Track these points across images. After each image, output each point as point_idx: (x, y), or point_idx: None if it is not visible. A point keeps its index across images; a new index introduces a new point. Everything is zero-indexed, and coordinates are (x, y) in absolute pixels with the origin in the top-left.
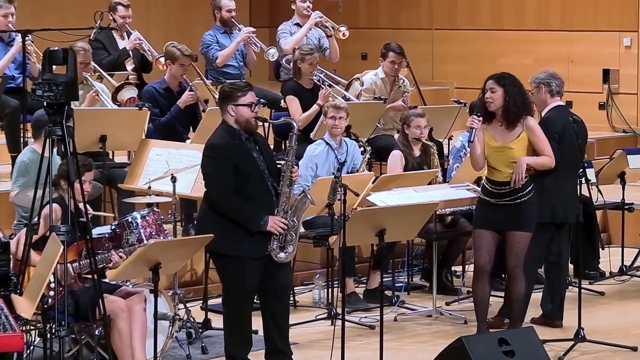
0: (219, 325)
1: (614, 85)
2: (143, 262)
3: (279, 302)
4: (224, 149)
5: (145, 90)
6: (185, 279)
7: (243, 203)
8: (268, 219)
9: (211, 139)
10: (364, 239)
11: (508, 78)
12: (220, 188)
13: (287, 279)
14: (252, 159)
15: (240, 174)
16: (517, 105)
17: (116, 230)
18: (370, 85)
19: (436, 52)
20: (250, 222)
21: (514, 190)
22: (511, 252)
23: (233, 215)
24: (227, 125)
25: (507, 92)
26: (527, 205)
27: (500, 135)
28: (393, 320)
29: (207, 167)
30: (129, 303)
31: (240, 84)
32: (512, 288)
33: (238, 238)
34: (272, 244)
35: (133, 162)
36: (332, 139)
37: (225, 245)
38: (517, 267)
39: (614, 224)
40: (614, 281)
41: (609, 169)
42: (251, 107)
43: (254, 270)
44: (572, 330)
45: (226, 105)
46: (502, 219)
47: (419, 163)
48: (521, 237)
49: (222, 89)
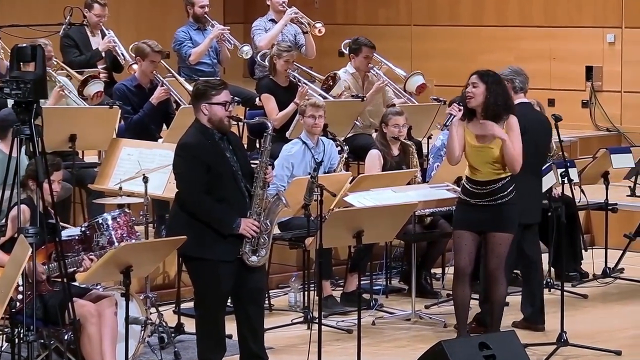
0: (192, 330)
1: (597, 83)
2: (114, 264)
3: (253, 305)
4: (196, 148)
5: (115, 88)
6: (157, 282)
7: (215, 204)
8: (240, 222)
9: (183, 138)
10: (341, 241)
11: (492, 75)
12: (191, 188)
13: (260, 282)
14: (225, 159)
15: (212, 174)
16: (498, 104)
17: (86, 232)
18: (344, 84)
19: (415, 49)
20: (222, 224)
21: (495, 190)
22: (492, 254)
23: (204, 217)
24: (199, 124)
25: (489, 89)
26: (508, 206)
27: (481, 134)
28: (371, 324)
29: (178, 167)
30: (99, 307)
31: (214, 81)
32: (494, 291)
33: (210, 240)
34: (244, 247)
35: (103, 162)
36: (309, 138)
37: (196, 248)
38: (499, 269)
39: (597, 224)
40: (597, 283)
41: (592, 169)
42: (225, 106)
43: (227, 274)
44: (555, 334)
45: (199, 103)
46: (482, 219)
47: (398, 162)
48: (502, 238)
49: (196, 87)
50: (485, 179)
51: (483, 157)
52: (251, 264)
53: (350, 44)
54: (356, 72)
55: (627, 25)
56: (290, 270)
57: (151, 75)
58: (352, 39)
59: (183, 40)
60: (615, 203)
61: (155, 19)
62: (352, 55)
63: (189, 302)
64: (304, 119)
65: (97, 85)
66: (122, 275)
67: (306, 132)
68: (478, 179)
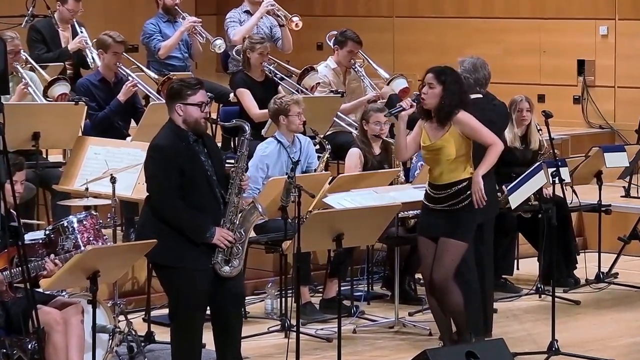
0: (163, 339)
1: (590, 78)
2: (80, 270)
3: (232, 311)
4: (169, 150)
5: (79, 84)
6: (126, 289)
7: (188, 211)
8: (215, 231)
9: (156, 139)
10: (320, 244)
11: (450, 74)
12: (164, 193)
13: (240, 286)
14: (200, 163)
15: (186, 178)
16: (452, 104)
17: (50, 236)
18: (323, 79)
19: (397, 42)
20: (195, 232)
21: (450, 194)
22: (437, 262)
23: (176, 224)
24: (174, 124)
25: (445, 90)
26: (462, 213)
27: (433, 134)
28: (352, 333)
29: (151, 170)
30: (64, 315)
31: (190, 81)
32: (445, 302)
33: (182, 248)
34: (217, 256)
35: (69, 162)
36: (285, 136)
37: (168, 255)
38: (446, 279)
39: (590, 227)
40: (590, 289)
41: (585, 168)
42: (201, 107)
43: (202, 281)
44: (545, 343)
45: (174, 103)
46: (436, 224)
47: (379, 162)
48: (449, 245)
49: (171, 86)
50: (441, 182)
51: (434, 158)
52: (223, 274)
53: (337, 36)
54: (337, 67)
55: (620, 17)
56: (266, 276)
57: (115, 68)
58: (340, 30)
59: (152, 33)
60: (609, 204)
61: (123, 10)
62: (337, 48)
63: (159, 309)
64: (289, 118)
65: (63, 87)
66: (88, 281)
67: (282, 131)
68: (435, 182)
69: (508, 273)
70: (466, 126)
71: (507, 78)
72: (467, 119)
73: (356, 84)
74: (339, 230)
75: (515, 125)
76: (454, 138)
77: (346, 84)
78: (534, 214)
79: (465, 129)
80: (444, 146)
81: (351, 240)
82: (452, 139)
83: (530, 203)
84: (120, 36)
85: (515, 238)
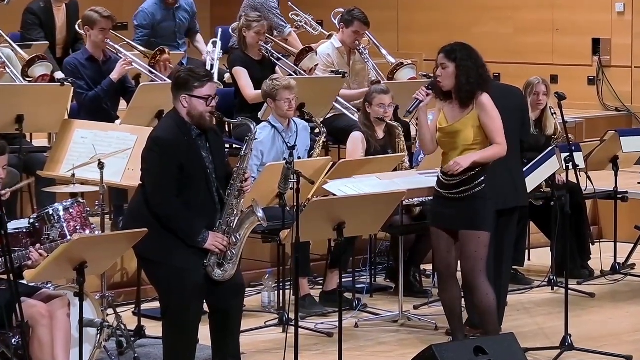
0: (153, 334)
1: (605, 57)
2: (66, 260)
3: (232, 302)
4: (171, 144)
5: (66, 63)
6: (115, 280)
7: (183, 211)
8: (207, 236)
9: (158, 130)
10: (320, 234)
11: (460, 50)
12: (160, 189)
13: (239, 276)
14: (201, 160)
15: (184, 174)
16: (471, 82)
17: (35, 225)
18: (326, 58)
19: (402, 20)
20: (187, 235)
21: (463, 181)
22: (463, 256)
23: (169, 223)
24: (178, 116)
25: (459, 67)
26: (477, 200)
27: (452, 116)
28: (354, 327)
29: (149, 163)
30: (50, 308)
31: (199, 72)
32: (473, 299)
33: (172, 244)
34: (209, 259)
35: (54, 146)
36: (280, 120)
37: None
38: (472, 273)
39: (606, 215)
40: (605, 281)
41: (600, 153)
42: (207, 100)
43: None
44: (558, 338)
45: (179, 93)
46: (452, 215)
47: (383, 146)
48: (470, 236)
49: (178, 74)
50: None
51: (450, 141)
52: (215, 278)
53: (344, 14)
54: (342, 46)
55: None
56: (263, 267)
57: (103, 45)
58: (347, 9)
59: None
60: (626, 191)
61: None
62: (342, 26)
63: (150, 302)
64: (276, 103)
65: (43, 67)
66: (75, 273)
67: (276, 116)
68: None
69: (519, 264)
70: (485, 111)
71: (518, 58)
72: (489, 104)
73: (361, 65)
74: (340, 219)
75: (530, 109)
76: (473, 122)
77: (350, 65)
78: (546, 201)
79: (483, 114)
80: (462, 130)
81: (353, 229)
82: (470, 123)
83: (543, 190)
84: (107, 11)
85: (527, 227)
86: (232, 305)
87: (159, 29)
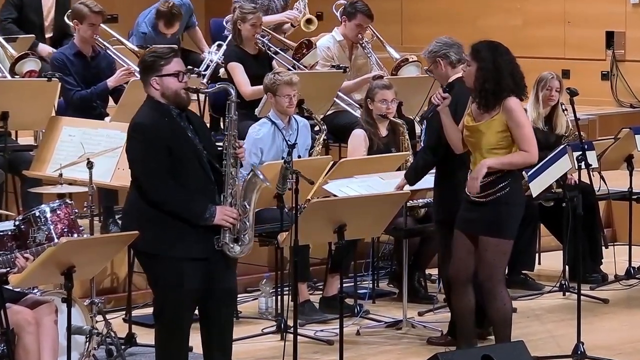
0: (145, 341)
1: (620, 51)
2: (53, 264)
3: (223, 309)
4: (152, 128)
5: (53, 58)
6: (104, 286)
7: (181, 192)
8: (215, 210)
9: (136, 117)
10: (320, 236)
11: (485, 51)
12: (153, 175)
13: (232, 282)
14: (187, 140)
15: (174, 157)
16: (486, 87)
17: (21, 227)
18: (326, 52)
19: (406, 12)
20: (194, 214)
21: (486, 184)
22: (479, 262)
23: (171, 208)
24: (152, 100)
25: (479, 70)
26: (500, 205)
27: (478, 115)
28: (355, 334)
29: (134, 152)
30: (36, 314)
31: (162, 50)
32: (487, 307)
33: (173, 235)
34: (223, 237)
35: (41, 145)
36: (280, 117)
37: (156, 243)
38: (489, 281)
39: (620, 217)
40: (619, 286)
41: (614, 152)
42: (178, 76)
43: (193, 273)
44: (570, 346)
45: (149, 77)
46: (473, 219)
47: (386, 144)
48: (489, 243)
49: (142, 59)
50: None
51: (474, 142)
52: (234, 255)
53: (346, 7)
54: (343, 40)
55: None
56: (260, 271)
57: (92, 41)
58: (350, 1)
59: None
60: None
61: None
62: (344, 19)
63: (141, 308)
64: (276, 98)
65: (31, 63)
66: (63, 277)
67: (276, 112)
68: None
69: (529, 268)
70: (511, 117)
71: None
72: (516, 109)
73: (363, 60)
74: (340, 221)
75: (540, 105)
76: (498, 127)
77: (352, 59)
78: (557, 202)
79: (509, 120)
80: (484, 132)
81: (354, 231)
82: (494, 128)
83: (554, 190)
84: (98, 6)
85: (537, 230)
86: (222, 312)
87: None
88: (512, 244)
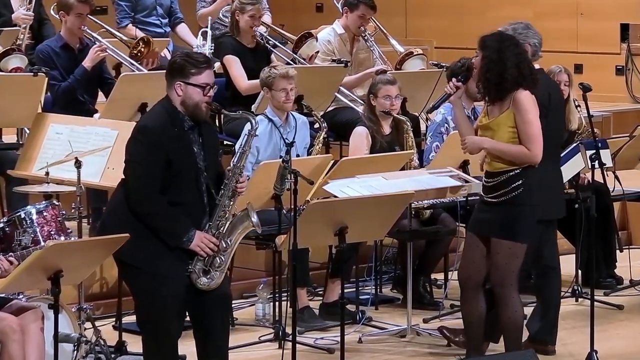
0: (135, 349)
1: (635, 45)
2: (40, 269)
3: (217, 316)
4: (159, 135)
5: (38, 50)
6: (93, 291)
7: (167, 209)
8: (194, 235)
9: (145, 118)
10: (320, 239)
11: (491, 41)
12: (143, 184)
13: (225, 287)
14: (191, 155)
15: (172, 170)
16: (487, 77)
17: (5, 229)
18: (327, 45)
19: (410, 3)
20: (171, 234)
21: (498, 184)
22: (492, 265)
23: (151, 222)
24: (170, 104)
25: (483, 59)
26: (514, 207)
27: (491, 111)
28: (357, 342)
29: (133, 154)
30: (22, 321)
31: (197, 57)
32: (498, 312)
33: (154, 248)
34: (195, 264)
35: (26, 143)
36: (277, 114)
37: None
38: (501, 286)
39: (635, 219)
40: (634, 291)
41: (629, 150)
42: (205, 89)
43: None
44: (583, 354)
45: (174, 80)
46: (486, 221)
47: (389, 143)
48: (500, 246)
49: (174, 59)
50: (493, 170)
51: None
52: (200, 286)
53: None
54: (345, 32)
55: None
56: (257, 276)
57: (79, 32)
58: None
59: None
60: None
61: None
62: (346, 10)
63: (132, 315)
64: (272, 92)
65: (16, 60)
66: (50, 283)
67: (273, 108)
68: (488, 168)
69: None
70: (518, 111)
71: None
72: (525, 104)
73: (365, 54)
74: (341, 223)
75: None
76: (508, 122)
77: (354, 53)
78: (570, 204)
79: (517, 115)
80: (495, 130)
81: (356, 234)
82: (505, 123)
83: (566, 191)
84: None
85: None
86: (216, 319)
87: (138, 3)
88: (526, 247)
